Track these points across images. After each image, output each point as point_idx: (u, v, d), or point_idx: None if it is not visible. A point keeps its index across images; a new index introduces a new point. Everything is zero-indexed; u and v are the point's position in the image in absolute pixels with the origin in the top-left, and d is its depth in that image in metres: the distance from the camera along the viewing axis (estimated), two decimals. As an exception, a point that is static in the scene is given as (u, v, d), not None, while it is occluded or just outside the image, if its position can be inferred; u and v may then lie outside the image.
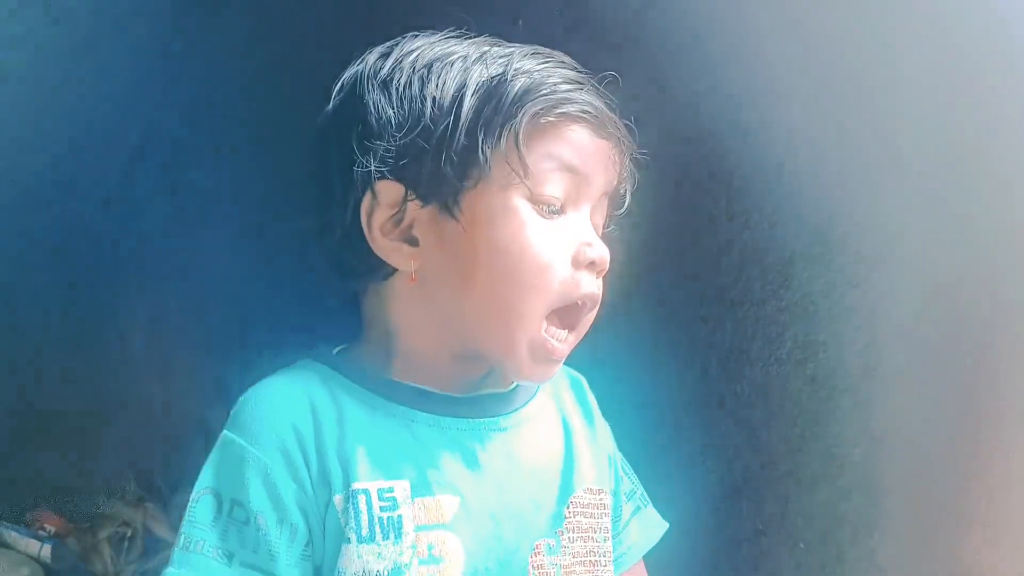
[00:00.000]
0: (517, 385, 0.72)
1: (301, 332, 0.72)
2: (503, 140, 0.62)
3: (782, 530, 0.84)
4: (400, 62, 0.66)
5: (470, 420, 0.68)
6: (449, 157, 0.63)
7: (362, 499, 0.62)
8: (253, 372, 0.66)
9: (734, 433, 0.87)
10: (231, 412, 0.64)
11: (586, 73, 0.69)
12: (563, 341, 0.67)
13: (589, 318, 0.69)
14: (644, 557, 0.78)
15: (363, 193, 0.66)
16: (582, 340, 0.69)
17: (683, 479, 0.87)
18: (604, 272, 0.68)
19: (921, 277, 0.83)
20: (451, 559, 0.63)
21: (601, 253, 0.66)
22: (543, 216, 0.65)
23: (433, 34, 0.68)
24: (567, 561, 0.68)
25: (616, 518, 0.76)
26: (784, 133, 0.86)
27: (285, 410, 0.63)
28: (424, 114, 0.64)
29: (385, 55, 0.68)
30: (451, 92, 0.64)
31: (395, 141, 0.64)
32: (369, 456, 0.63)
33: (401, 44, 0.68)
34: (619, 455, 0.79)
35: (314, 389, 0.65)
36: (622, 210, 0.73)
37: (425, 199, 0.65)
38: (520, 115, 0.63)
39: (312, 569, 0.63)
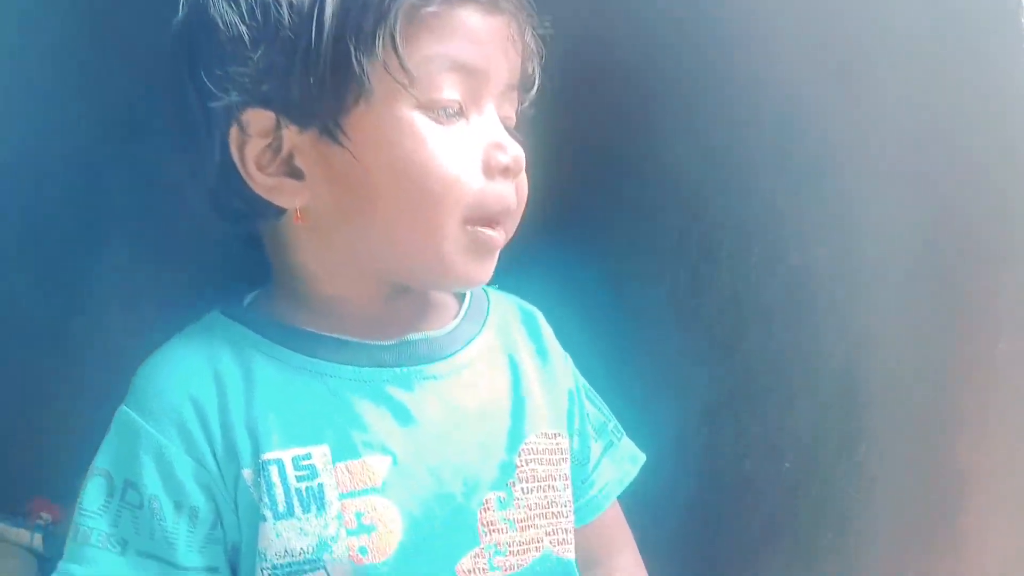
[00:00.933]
0: (454, 327, 0.65)
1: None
2: (378, 45, 0.54)
3: (765, 451, 0.79)
4: None
5: (398, 369, 0.61)
6: (319, 73, 0.54)
7: (274, 470, 0.56)
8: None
9: (707, 351, 0.81)
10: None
11: None
12: (498, 234, 0.60)
13: (516, 217, 0.62)
14: (621, 495, 0.73)
15: (228, 126, 0.57)
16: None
17: (657, 405, 0.82)
18: (522, 171, 0.61)
19: (898, 166, 0.74)
20: (386, 525, 0.57)
21: (515, 154, 0.59)
22: (441, 123, 0.57)
23: None
24: (521, 515, 0.62)
25: (584, 459, 0.70)
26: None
27: (183, 380, 0.57)
28: (281, 23, 0.54)
29: None
30: None
31: (252, 61, 0.55)
32: (281, 421, 0.57)
33: None
34: (584, 387, 0.73)
35: (218, 351, 0.59)
36: (532, 91, 0.64)
37: (302, 124, 0.57)
38: (394, 10, 0.54)
39: (223, 553, 0.58)
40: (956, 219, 0.72)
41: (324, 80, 0.54)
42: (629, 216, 0.82)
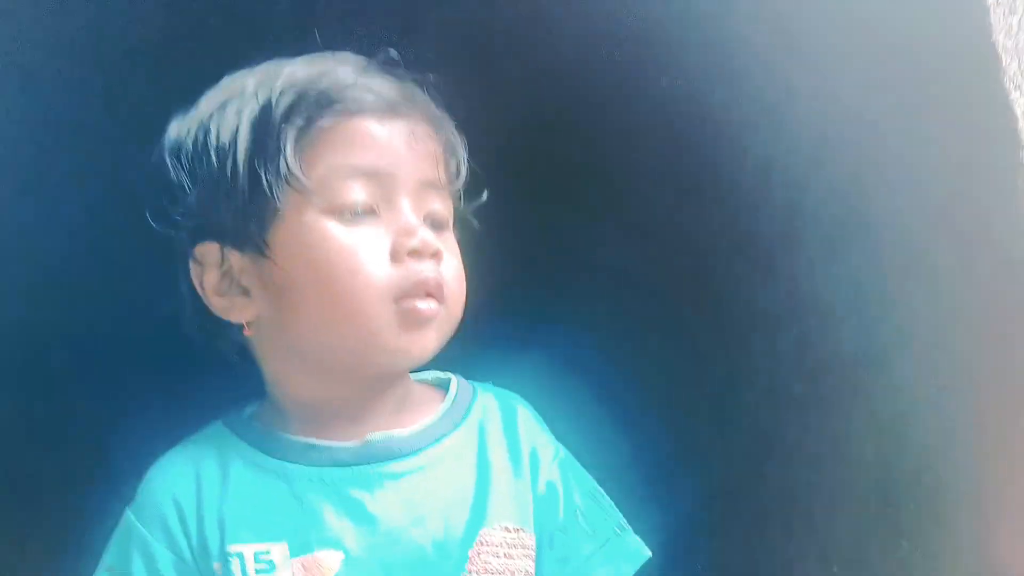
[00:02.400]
0: (424, 427, 0.68)
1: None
2: (280, 164, 0.60)
3: (815, 554, 0.74)
4: (190, 118, 0.65)
5: (356, 468, 0.64)
6: (240, 198, 0.61)
7: (236, 563, 0.62)
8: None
9: (749, 447, 0.78)
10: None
11: (385, 61, 0.65)
12: (431, 306, 0.63)
13: (454, 295, 0.65)
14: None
15: (188, 260, 0.65)
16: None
17: (698, 503, 0.80)
18: (437, 254, 0.63)
19: (912, 246, 0.70)
20: None
21: (422, 237, 0.62)
22: (350, 223, 0.62)
23: (246, 69, 0.67)
24: None
25: (567, 555, 0.69)
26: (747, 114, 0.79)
27: (170, 484, 0.64)
28: (210, 162, 0.62)
29: (184, 113, 0.66)
30: (228, 136, 0.62)
31: (191, 202, 0.63)
32: (246, 519, 0.63)
33: (208, 93, 0.66)
34: (578, 481, 0.71)
35: (204, 458, 0.66)
36: (459, 184, 0.68)
37: (240, 247, 0.63)
38: (288, 130, 0.61)
39: None
40: (976, 302, 0.65)
41: (245, 204, 0.61)
42: (663, 307, 0.82)
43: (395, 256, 0.62)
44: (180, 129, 0.66)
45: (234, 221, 0.62)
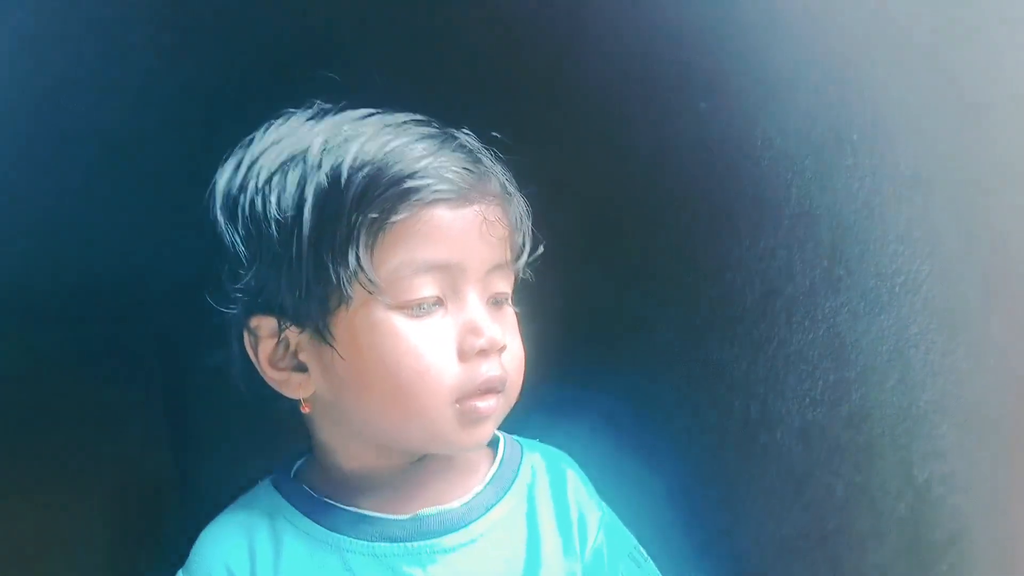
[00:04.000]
0: (472, 496, 0.68)
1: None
2: (350, 258, 0.59)
3: (839, 597, 0.75)
4: (246, 176, 0.63)
5: (408, 544, 0.64)
6: (303, 284, 0.60)
7: None
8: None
9: (782, 485, 0.79)
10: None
11: (449, 121, 0.64)
12: (491, 403, 0.63)
13: (514, 383, 0.65)
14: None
15: (242, 330, 0.64)
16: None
17: (726, 539, 0.81)
18: (503, 349, 0.63)
19: (953, 295, 0.68)
20: None
21: (490, 336, 0.62)
22: (418, 318, 0.61)
23: (297, 114, 0.65)
24: None
25: None
26: (787, 149, 0.77)
27: (223, 552, 0.65)
28: (272, 240, 0.61)
29: (237, 164, 0.64)
30: (291, 211, 0.60)
31: (250, 277, 0.62)
32: None
33: (252, 146, 0.64)
34: (624, 544, 0.73)
35: (257, 523, 0.66)
36: (522, 261, 0.67)
37: (299, 325, 0.62)
38: (360, 226, 0.59)
39: None
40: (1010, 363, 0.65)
41: (309, 289, 0.60)
42: (696, 348, 0.82)
43: (462, 355, 0.62)
44: (232, 184, 0.64)
45: (294, 302, 0.61)
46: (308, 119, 0.65)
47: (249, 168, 0.63)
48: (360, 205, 0.59)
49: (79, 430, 1.60)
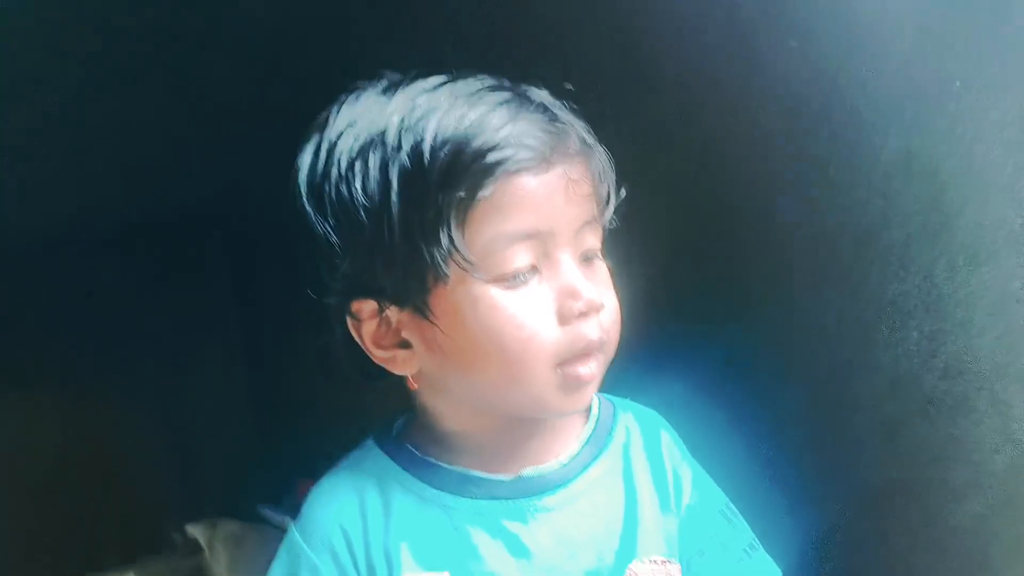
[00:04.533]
0: (571, 457, 0.70)
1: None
2: (442, 238, 0.59)
3: (932, 546, 0.75)
4: (327, 162, 0.63)
5: (512, 502, 0.67)
6: (398, 267, 0.61)
7: None
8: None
9: (868, 436, 0.79)
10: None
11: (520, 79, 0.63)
12: (592, 368, 0.64)
13: (613, 339, 0.66)
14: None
15: (344, 315, 0.66)
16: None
17: (815, 490, 0.82)
18: (600, 307, 0.64)
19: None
20: None
21: (588, 298, 0.62)
22: (515, 288, 0.62)
23: (368, 90, 0.65)
24: None
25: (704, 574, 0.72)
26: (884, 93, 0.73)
27: (336, 512, 0.67)
28: (362, 226, 0.61)
29: (316, 149, 0.64)
30: (377, 196, 0.61)
31: (349, 261, 0.63)
32: (411, 549, 0.65)
33: (328, 129, 0.64)
34: (715, 501, 0.74)
35: (365, 484, 0.68)
36: (611, 208, 0.67)
37: (399, 304, 0.64)
38: (448, 205, 0.59)
39: None
40: None
41: (404, 271, 0.61)
42: (787, 295, 0.81)
43: (562, 319, 0.62)
44: (315, 171, 0.64)
45: (392, 284, 0.63)
46: (381, 93, 0.64)
47: (329, 153, 0.63)
48: (446, 185, 0.59)
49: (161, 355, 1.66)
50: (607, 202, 0.67)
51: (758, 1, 0.79)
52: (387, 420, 0.74)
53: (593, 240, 0.66)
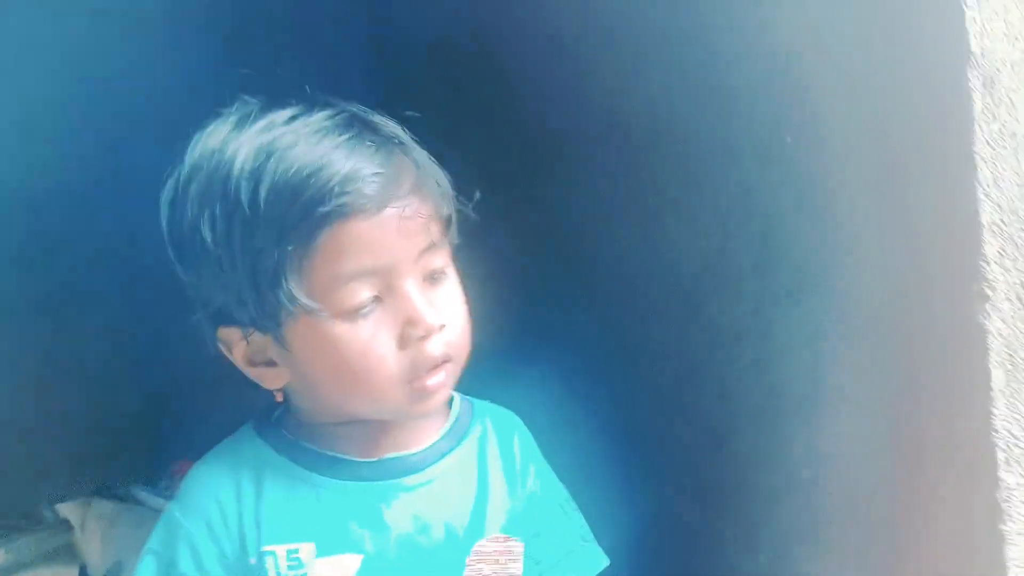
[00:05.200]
0: (431, 445, 0.76)
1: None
2: (282, 284, 0.64)
3: (747, 540, 0.85)
4: (183, 205, 0.66)
5: (375, 483, 0.72)
6: (252, 307, 0.66)
7: (270, 560, 0.69)
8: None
9: (702, 442, 0.87)
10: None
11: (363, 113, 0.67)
12: (440, 378, 0.69)
13: (460, 350, 0.71)
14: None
15: (214, 339, 0.70)
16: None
17: (646, 487, 0.91)
18: (442, 327, 0.68)
19: (857, 302, 0.76)
20: None
21: (428, 323, 0.67)
22: (357, 321, 0.66)
23: (220, 123, 0.67)
24: None
25: (539, 559, 0.79)
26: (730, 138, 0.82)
27: (212, 487, 0.72)
28: (215, 269, 0.65)
29: (175, 189, 0.67)
30: (223, 244, 0.65)
31: (203, 290, 0.68)
32: (279, 522, 0.70)
33: (184, 168, 0.67)
34: (556, 494, 0.81)
35: (241, 465, 0.73)
36: (453, 228, 0.71)
37: (261, 331, 0.68)
38: (284, 262, 0.63)
39: None
40: (909, 353, 0.73)
41: (256, 310, 0.66)
42: (638, 313, 0.89)
43: (403, 344, 0.67)
44: (173, 212, 0.68)
45: (249, 319, 0.67)
46: (233, 127, 0.67)
47: (183, 196, 0.67)
48: (281, 237, 0.63)
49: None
50: (449, 221, 0.72)
51: (628, 46, 0.86)
52: (266, 408, 0.78)
53: (438, 260, 0.70)
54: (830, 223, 0.76)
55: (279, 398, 0.73)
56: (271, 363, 0.71)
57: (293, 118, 0.67)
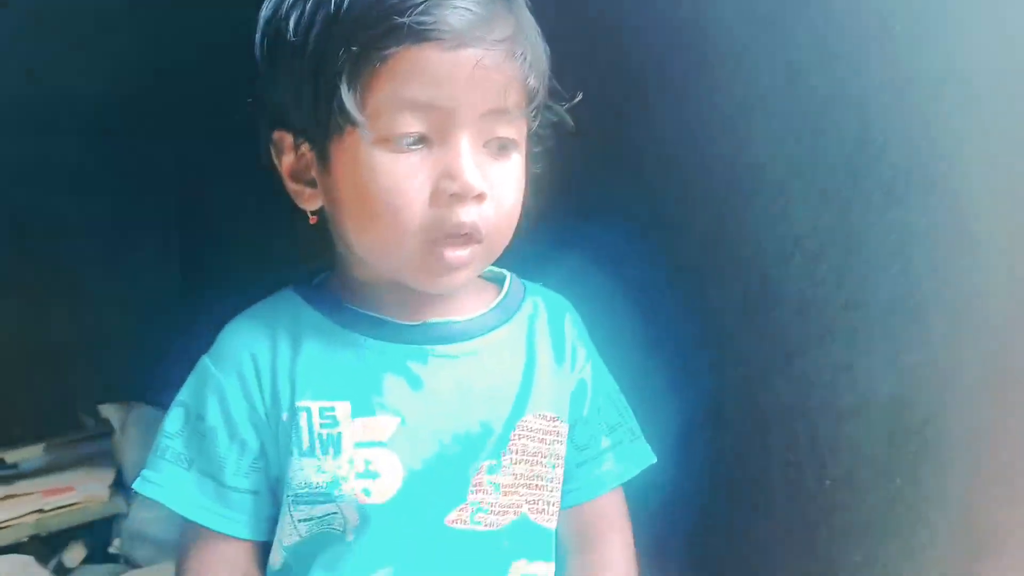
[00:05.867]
0: (479, 316, 0.74)
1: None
2: (340, 89, 0.61)
3: (812, 463, 0.80)
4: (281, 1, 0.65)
5: (418, 346, 0.70)
6: (308, 108, 0.64)
7: (303, 416, 0.68)
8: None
9: (770, 360, 0.83)
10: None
11: None
12: (462, 254, 0.66)
13: (496, 232, 0.68)
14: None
15: (268, 141, 0.69)
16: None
17: (712, 405, 0.86)
18: (480, 196, 0.64)
19: (964, 196, 0.71)
20: (388, 473, 0.68)
21: (465, 180, 0.63)
22: (400, 152, 0.63)
23: None
24: (507, 480, 0.71)
25: (585, 445, 0.78)
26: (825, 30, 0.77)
27: (247, 340, 0.71)
28: (285, 55, 0.64)
29: None
30: (301, 35, 0.63)
31: (274, 91, 0.66)
32: (315, 378, 0.69)
33: None
34: (605, 385, 0.79)
35: (279, 319, 0.71)
36: (536, 106, 0.68)
37: (310, 143, 0.67)
38: (346, 65, 0.61)
39: (264, 480, 0.70)
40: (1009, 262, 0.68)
41: (311, 113, 0.64)
42: (714, 216, 0.85)
43: (435, 199, 0.64)
44: (270, 5, 0.66)
45: (302, 122, 0.65)
46: None
47: None
48: (351, 38, 0.60)
49: (96, 241, 1.65)
50: (533, 97, 0.68)
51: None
52: (307, 273, 0.77)
53: (507, 131, 0.67)
54: (931, 123, 0.71)
55: (313, 220, 0.70)
56: (311, 183, 0.68)
57: None
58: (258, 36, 0.67)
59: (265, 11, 0.67)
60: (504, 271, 0.79)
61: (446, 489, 0.70)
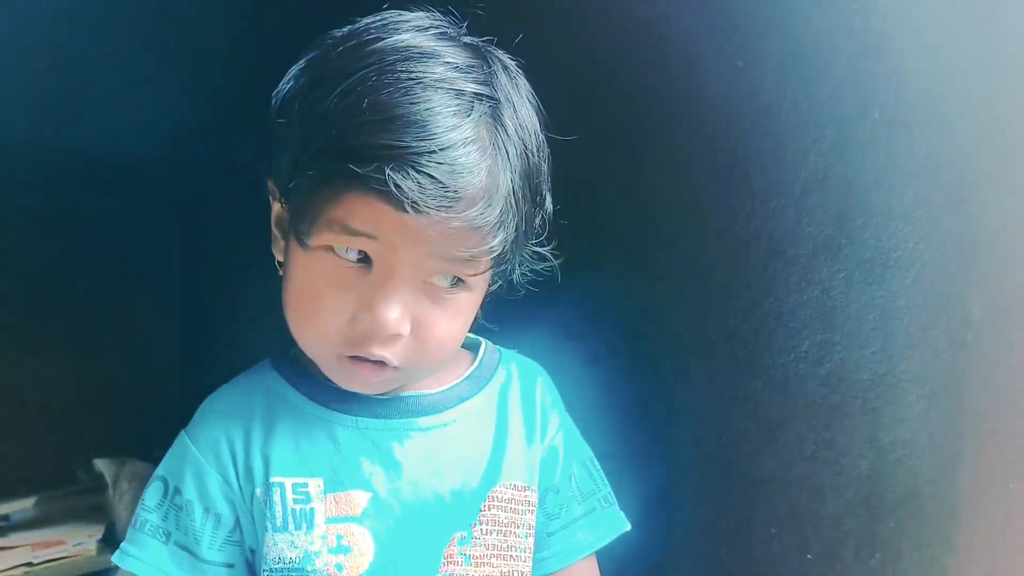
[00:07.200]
0: (450, 387, 0.75)
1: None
2: (300, 182, 0.63)
3: (793, 537, 0.80)
4: (296, 72, 0.68)
5: (387, 420, 0.72)
6: (284, 174, 0.66)
7: (277, 492, 0.70)
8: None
9: (753, 432, 0.84)
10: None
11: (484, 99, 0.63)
12: (372, 376, 0.67)
13: (419, 360, 0.68)
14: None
15: (265, 184, 0.72)
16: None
17: (694, 476, 0.87)
18: (396, 337, 0.65)
19: (941, 276, 0.72)
20: (360, 549, 0.69)
21: (380, 324, 0.63)
22: (341, 263, 0.64)
23: (365, 22, 0.66)
24: (479, 552, 0.72)
25: (556, 514, 0.78)
26: (811, 115, 0.80)
27: (222, 417, 0.73)
28: (288, 111, 0.66)
29: (308, 52, 0.68)
30: (302, 108, 0.65)
31: (269, 138, 0.68)
32: (288, 456, 0.71)
33: (321, 50, 0.67)
34: (578, 452, 0.80)
35: (253, 397, 0.73)
36: (505, 251, 0.67)
37: (282, 199, 0.69)
38: (304, 175, 0.62)
39: (240, 554, 0.72)
40: (982, 340, 0.69)
41: (282, 180, 0.67)
42: (699, 295, 0.86)
43: (352, 323, 0.65)
44: (297, 66, 0.68)
45: (279, 181, 0.68)
46: (372, 34, 0.65)
47: (305, 66, 0.68)
48: (312, 161, 0.62)
49: (96, 296, 1.67)
50: (497, 258, 0.67)
51: (715, 19, 0.85)
52: (286, 344, 0.78)
53: (457, 270, 0.66)
54: (910, 204, 0.73)
55: (281, 272, 0.72)
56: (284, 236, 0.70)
57: (425, 57, 0.63)
58: (281, 89, 0.69)
59: (295, 66, 0.69)
60: (480, 338, 0.80)
61: (417, 562, 0.71)
